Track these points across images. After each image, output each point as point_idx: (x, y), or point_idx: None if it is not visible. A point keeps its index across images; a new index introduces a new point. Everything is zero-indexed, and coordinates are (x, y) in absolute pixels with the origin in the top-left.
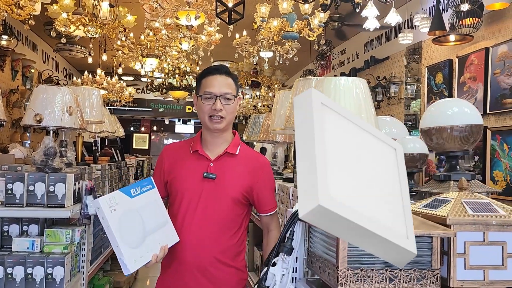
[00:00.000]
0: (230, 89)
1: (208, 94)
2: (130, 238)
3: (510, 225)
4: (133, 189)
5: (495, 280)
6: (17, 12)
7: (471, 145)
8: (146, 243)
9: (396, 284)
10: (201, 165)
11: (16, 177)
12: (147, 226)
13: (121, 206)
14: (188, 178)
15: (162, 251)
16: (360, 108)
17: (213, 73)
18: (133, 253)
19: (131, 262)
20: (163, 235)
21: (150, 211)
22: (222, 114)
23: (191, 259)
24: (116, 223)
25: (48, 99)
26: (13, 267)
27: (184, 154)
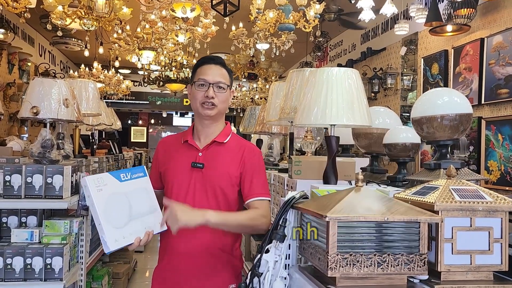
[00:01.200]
0: (224, 79)
1: (201, 81)
2: (114, 219)
3: (496, 211)
4: (124, 174)
5: (482, 265)
6: (13, 5)
7: (461, 134)
8: (130, 226)
9: (384, 268)
10: (190, 155)
11: (14, 169)
12: (134, 210)
13: (108, 187)
14: (178, 168)
15: (146, 236)
16: (352, 98)
17: (208, 62)
18: (116, 232)
19: (112, 241)
20: (150, 221)
21: (139, 196)
22: (214, 101)
23: (184, 249)
24: (102, 202)
25: (44, 92)
26: (12, 258)
27: (176, 145)
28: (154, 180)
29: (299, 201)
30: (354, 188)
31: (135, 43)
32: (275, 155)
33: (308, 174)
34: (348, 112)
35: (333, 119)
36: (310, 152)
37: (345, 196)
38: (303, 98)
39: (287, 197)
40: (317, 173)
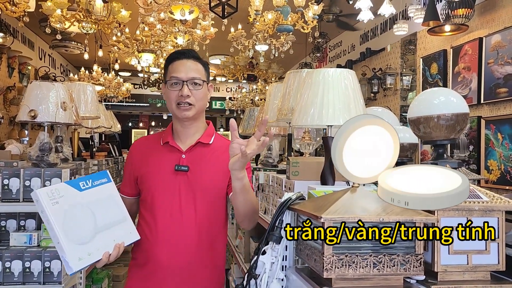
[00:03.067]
0: (199, 74)
1: (174, 79)
2: (76, 234)
3: (493, 210)
4: (83, 182)
5: (479, 264)
6: (11, 9)
7: (458, 133)
8: (96, 240)
9: (380, 269)
10: (172, 158)
11: (12, 172)
12: (100, 222)
13: (66, 199)
14: (159, 172)
15: (116, 249)
16: (348, 99)
17: (180, 57)
18: (79, 250)
19: (74, 260)
20: (119, 232)
21: (104, 206)
22: (190, 100)
23: (167, 260)
24: (59, 217)
25: (42, 95)
26: (11, 261)
27: (155, 147)
28: (129, 187)
29: (295, 202)
30: (350, 188)
31: (134, 45)
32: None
33: (306, 175)
34: (345, 112)
35: (329, 120)
36: (308, 153)
37: (340, 196)
38: (300, 99)
39: (284, 198)
40: (315, 174)
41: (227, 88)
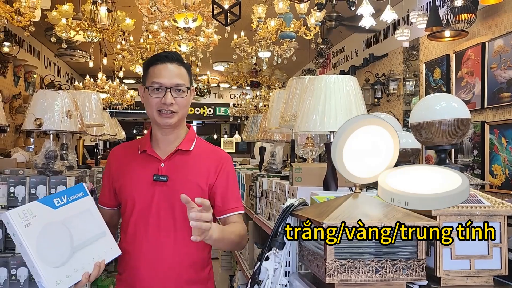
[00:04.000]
0: (183, 80)
1: (156, 85)
2: (52, 256)
3: (495, 215)
4: (58, 199)
5: (481, 269)
6: (17, 19)
7: (459, 138)
8: (74, 261)
9: (382, 274)
10: (150, 167)
11: (18, 180)
12: (76, 241)
13: (39, 219)
14: (137, 183)
15: (96, 268)
16: (350, 105)
17: (162, 60)
18: (56, 273)
19: (52, 284)
20: (99, 249)
21: (81, 222)
22: (173, 108)
23: (148, 276)
24: (33, 240)
25: (47, 104)
26: (16, 269)
27: (132, 156)
28: (108, 198)
29: (298, 208)
30: (352, 194)
31: (138, 53)
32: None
33: (308, 181)
34: (346, 118)
35: (331, 126)
36: (311, 159)
37: (342, 202)
38: (302, 106)
39: (286, 204)
40: (317, 179)
41: (230, 95)
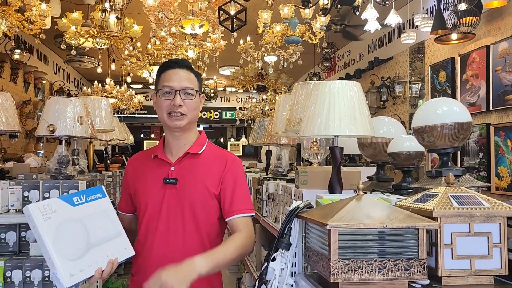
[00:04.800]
0: (192, 84)
1: (166, 88)
2: (68, 250)
3: (494, 217)
4: (77, 197)
5: (482, 269)
6: (29, 27)
7: (461, 142)
8: (89, 256)
9: (385, 274)
10: (161, 171)
11: (32, 185)
12: (93, 238)
13: (58, 214)
14: (149, 186)
15: (109, 265)
16: (354, 109)
17: (172, 66)
18: (71, 265)
19: (66, 276)
20: (113, 247)
21: (97, 221)
22: (182, 110)
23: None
24: (51, 233)
25: (60, 110)
26: (31, 271)
27: (146, 161)
28: (125, 204)
29: (303, 211)
30: (355, 196)
31: (146, 59)
32: (284, 166)
33: (314, 184)
34: (351, 123)
35: (336, 130)
36: (316, 162)
37: (346, 204)
38: (307, 110)
39: (292, 207)
40: (323, 182)
41: (237, 99)
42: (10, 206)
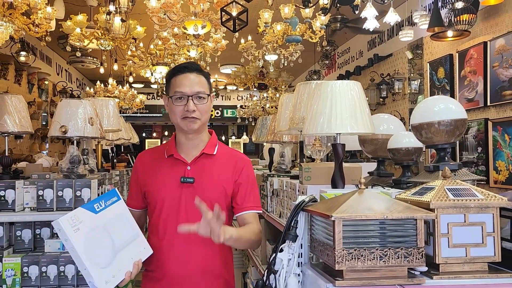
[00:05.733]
0: (203, 88)
1: (179, 94)
2: (99, 258)
3: (488, 207)
4: (97, 204)
5: (476, 257)
6: (35, 30)
7: (457, 137)
8: (117, 261)
9: (386, 261)
10: (177, 170)
11: (46, 184)
12: (117, 242)
13: (85, 224)
14: (165, 185)
15: (136, 267)
16: (355, 108)
17: (183, 71)
18: (104, 273)
19: (102, 284)
20: (134, 249)
21: (118, 225)
22: (195, 115)
23: (179, 271)
24: (82, 244)
25: (71, 112)
26: (47, 266)
27: (159, 160)
28: (136, 200)
29: (308, 204)
30: (357, 190)
31: (148, 59)
32: (287, 163)
33: (317, 179)
34: (352, 121)
35: (338, 128)
36: (319, 158)
37: (349, 198)
38: (310, 109)
39: (298, 201)
40: (326, 178)
41: (238, 96)
42: (25, 204)
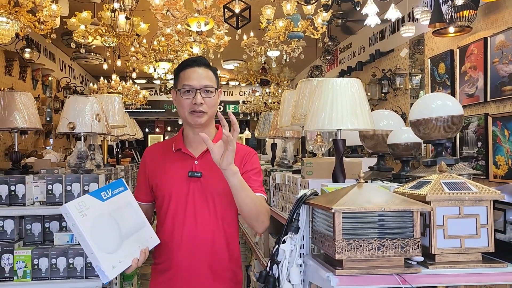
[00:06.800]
0: (211, 82)
1: (187, 87)
2: (106, 244)
3: (481, 200)
4: (104, 192)
5: (471, 247)
6: (40, 28)
7: (454, 133)
8: (124, 247)
9: (383, 251)
10: (185, 164)
11: (55, 178)
12: (123, 230)
13: (92, 210)
14: (173, 179)
15: (143, 255)
16: (355, 105)
17: (191, 65)
18: (111, 258)
19: (109, 269)
20: (142, 237)
21: (125, 213)
22: (203, 108)
23: (186, 264)
24: (89, 229)
25: (79, 109)
26: (56, 258)
27: (167, 154)
28: (144, 194)
29: (310, 198)
30: (357, 184)
31: (151, 55)
32: (289, 158)
33: (318, 174)
34: (352, 117)
35: (338, 124)
36: (321, 154)
37: (349, 191)
38: (312, 106)
39: (300, 194)
40: (327, 173)
41: (240, 92)
42: (35, 199)
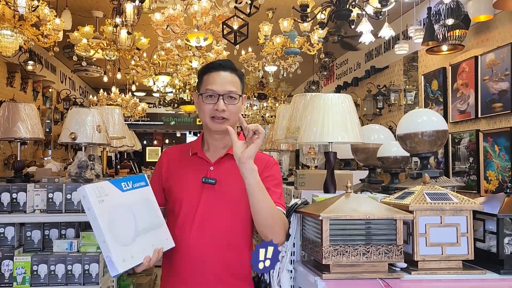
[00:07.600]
0: (235, 87)
1: (210, 92)
2: (120, 234)
3: (462, 210)
4: (125, 183)
5: (452, 255)
6: (44, 41)
7: (439, 147)
8: (138, 243)
9: (368, 257)
10: (200, 169)
11: (56, 187)
12: (140, 225)
13: (110, 198)
14: (186, 183)
15: (156, 254)
16: (346, 119)
17: (217, 68)
18: (123, 251)
19: (119, 261)
20: (157, 237)
21: (143, 209)
22: (225, 115)
23: (191, 275)
24: (105, 216)
25: (81, 120)
26: (55, 265)
27: (183, 157)
28: (159, 197)
29: (300, 207)
30: (344, 194)
31: (151, 69)
32: (284, 170)
33: (311, 185)
34: (343, 131)
35: (329, 137)
36: (313, 166)
37: (336, 200)
38: (304, 120)
39: (291, 204)
40: (318, 184)
41: None
42: (35, 206)
